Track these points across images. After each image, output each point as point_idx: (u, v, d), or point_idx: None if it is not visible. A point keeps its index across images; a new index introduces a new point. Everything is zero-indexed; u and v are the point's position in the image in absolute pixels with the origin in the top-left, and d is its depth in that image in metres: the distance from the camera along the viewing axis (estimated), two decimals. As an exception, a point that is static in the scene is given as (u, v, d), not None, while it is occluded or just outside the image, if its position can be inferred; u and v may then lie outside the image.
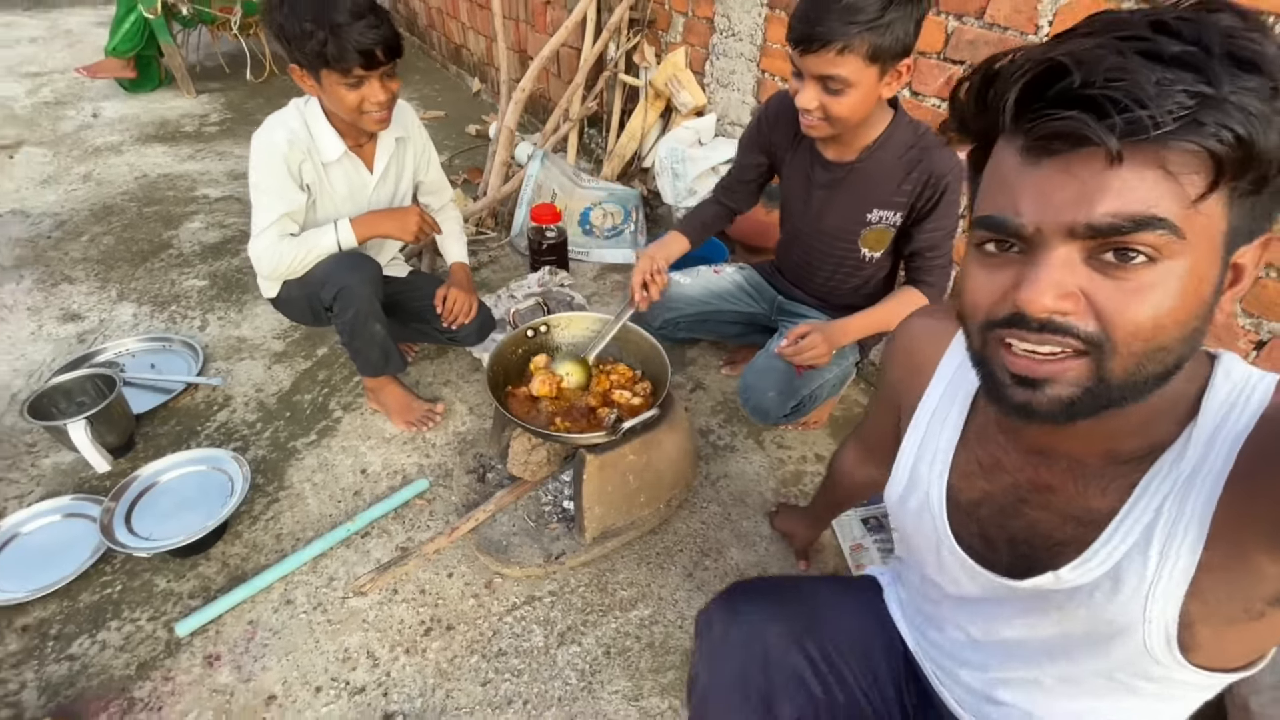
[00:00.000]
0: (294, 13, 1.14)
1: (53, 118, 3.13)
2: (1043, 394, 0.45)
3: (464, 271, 1.60)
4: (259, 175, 1.30)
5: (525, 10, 2.98)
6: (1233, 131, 0.37)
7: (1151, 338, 0.42)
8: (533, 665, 1.12)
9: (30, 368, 1.68)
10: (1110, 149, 0.39)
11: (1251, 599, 0.48)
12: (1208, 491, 0.48)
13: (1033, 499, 0.58)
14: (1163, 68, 0.38)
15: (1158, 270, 0.41)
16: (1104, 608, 0.53)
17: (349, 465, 1.47)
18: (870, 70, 1.05)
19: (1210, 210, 0.41)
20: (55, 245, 2.18)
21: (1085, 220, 0.41)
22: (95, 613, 1.16)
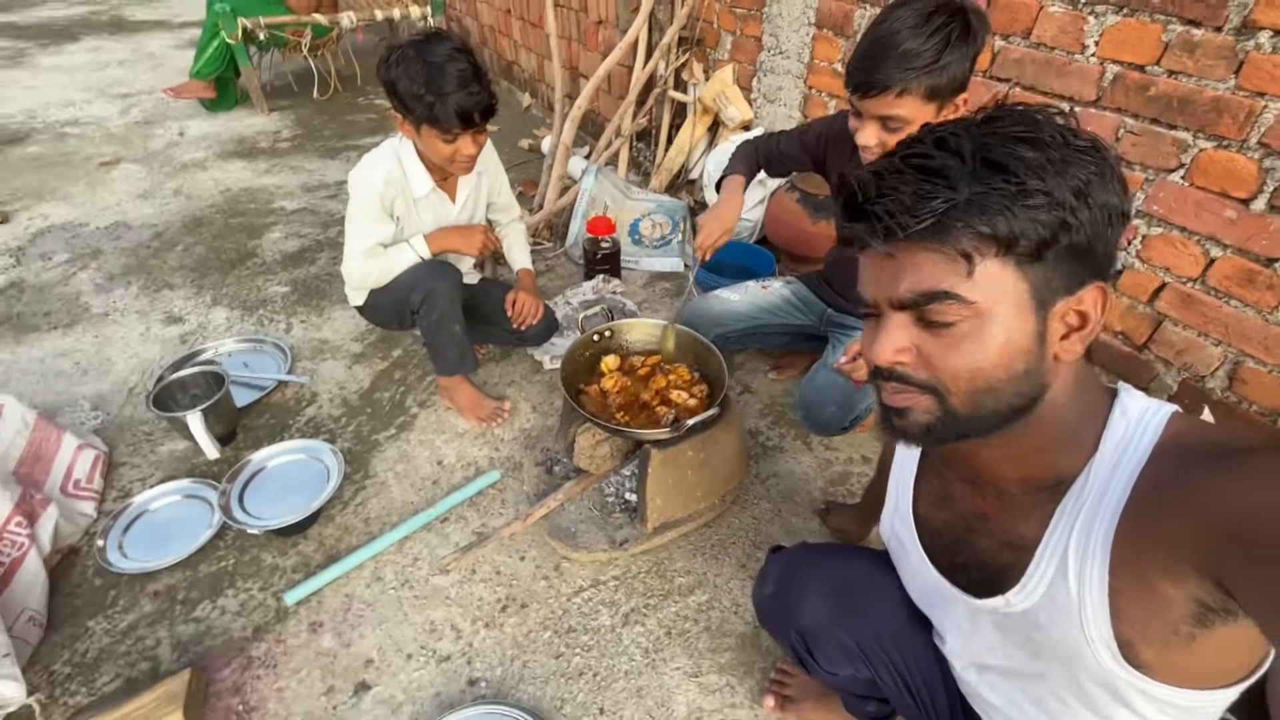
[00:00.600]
0: (407, 75, 1.28)
1: (144, 136, 3.41)
2: (906, 420, 0.56)
3: (530, 277, 1.75)
4: (356, 209, 1.47)
5: (578, 30, 3.12)
6: (971, 226, 0.48)
7: (973, 380, 0.53)
8: (600, 642, 1.22)
9: (143, 365, 1.86)
10: (878, 251, 0.52)
11: (1172, 621, 0.52)
12: (1107, 523, 0.54)
13: (978, 526, 0.66)
14: (925, 178, 0.49)
15: (965, 328, 0.52)
16: (1051, 630, 0.60)
17: (426, 457, 1.61)
18: (928, 107, 1.09)
19: (995, 277, 0.50)
20: (155, 254, 2.39)
21: (893, 296, 0.54)
22: (214, 582, 1.31)
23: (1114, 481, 0.54)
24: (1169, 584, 0.50)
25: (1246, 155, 1.26)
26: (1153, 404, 0.57)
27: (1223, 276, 1.37)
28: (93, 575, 1.32)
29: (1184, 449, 0.53)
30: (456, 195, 1.59)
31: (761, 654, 1.21)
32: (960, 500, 0.68)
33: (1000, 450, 0.61)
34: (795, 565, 0.86)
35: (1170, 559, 0.50)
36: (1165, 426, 0.55)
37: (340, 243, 2.49)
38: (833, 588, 0.81)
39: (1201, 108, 1.30)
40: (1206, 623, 0.50)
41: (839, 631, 0.80)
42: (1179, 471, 0.51)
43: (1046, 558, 0.58)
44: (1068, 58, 1.48)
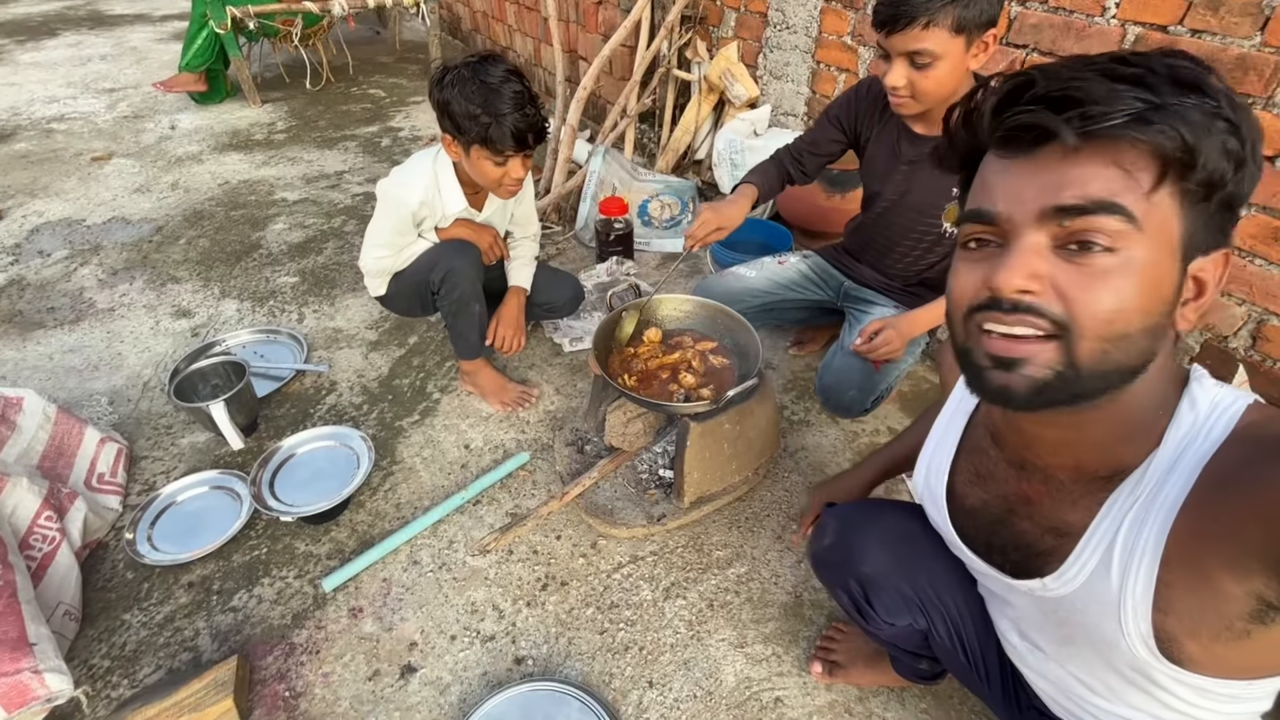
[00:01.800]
0: (463, 96, 1.28)
1: (134, 130, 3.33)
2: (1018, 374, 0.49)
3: (517, 299, 1.69)
4: (383, 219, 1.49)
5: (576, 11, 3.08)
6: (1175, 130, 0.43)
7: (1112, 322, 0.46)
8: (644, 616, 1.22)
9: (155, 359, 1.83)
10: (1066, 140, 0.45)
11: (1227, 617, 0.50)
12: (1163, 517, 0.52)
13: (1019, 509, 0.65)
14: (1115, 81, 0.44)
15: (1117, 258, 0.46)
16: (1086, 617, 0.59)
17: (453, 441, 1.59)
18: (956, 41, 1.09)
19: (1163, 207, 0.46)
20: (157, 249, 2.35)
21: (1052, 204, 0.46)
22: (248, 571, 1.30)
23: (1174, 475, 0.52)
24: (1231, 579, 0.48)
25: (1273, 112, 1.27)
26: (1226, 395, 0.54)
27: (1247, 235, 1.38)
28: (124, 569, 1.30)
29: (1257, 442, 0.50)
30: (485, 208, 1.59)
31: (805, 623, 1.21)
32: (1004, 482, 0.66)
33: (1063, 432, 0.57)
34: (854, 517, 0.87)
35: (1235, 553, 0.48)
36: (1240, 417, 0.52)
37: (346, 232, 2.47)
38: (893, 538, 0.81)
39: (1226, 66, 1.30)
40: (1266, 620, 0.48)
41: (898, 580, 0.80)
42: (1248, 463, 0.48)
43: (1091, 547, 0.57)
44: (1087, 20, 1.48)
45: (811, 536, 0.92)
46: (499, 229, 1.66)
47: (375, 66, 4.45)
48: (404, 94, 3.95)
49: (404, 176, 1.46)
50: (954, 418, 0.75)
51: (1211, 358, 1.51)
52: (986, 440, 0.69)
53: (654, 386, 1.34)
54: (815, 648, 1.15)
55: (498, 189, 1.42)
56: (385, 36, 5.10)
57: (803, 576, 1.29)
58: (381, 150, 3.19)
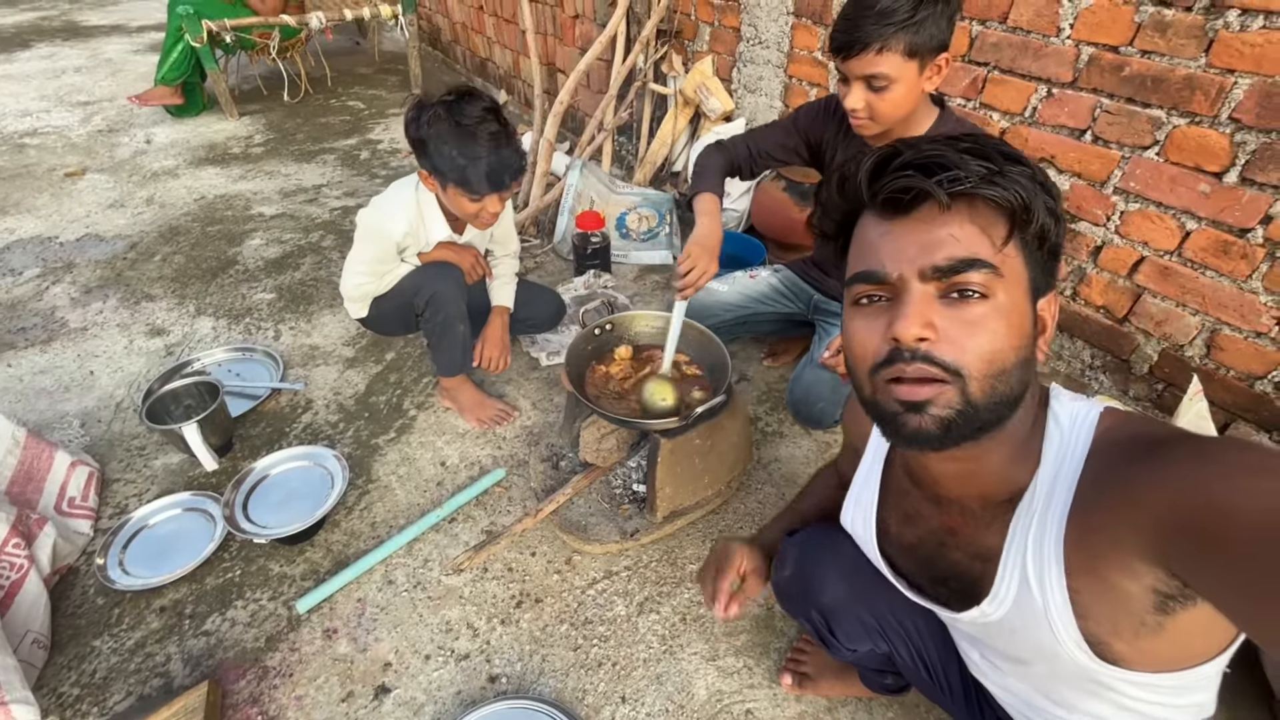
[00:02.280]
0: (438, 137, 1.29)
1: (109, 145, 3.30)
2: (928, 415, 0.54)
3: (501, 318, 1.71)
4: (366, 247, 1.49)
5: (554, 25, 3.10)
6: (1016, 191, 0.52)
7: (993, 360, 0.53)
8: (617, 632, 1.23)
9: (129, 379, 1.82)
10: (940, 199, 0.52)
11: (1136, 613, 0.53)
12: (1055, 529, 0.56)
13: (948, 541, 0.69)
14: (962, 154, 0.53)
15: (988, 304, 0.53)
16: (1026, 635, 0.62)
17: (429, 459, 1.60)
18: (910, 65, 1.12)
19: (1013, 257, 0.54)
20: (131, 265, 2.33)
21: (931, 264, 0.53)
22: (221, 594, 1.29)
23: (1057, 488, 0.57)
24: (1124, 579, 0.52)
25: (1218, 130, 1.32)
26: (1081, 405, 0.60)
27: (1198, 248, 1.43)
28: (94, 594, 1.29)
29: (1114, 446, 0.55)
30: (466, 232, 1.61)
31: (776, 635, 1.23)
32: (929, 518, 0.70)
33: (962, 465, 0.62)
34: (813, 547, 0.88)
35: (1119, 555, 0.52)
36: (1096, 426, 0.57)
37: (324, 247, 2.46)
38: (850, 567, 0.83)
39: (1174, 86, 1.35)
40: (1169, 610, 0.52)
41: (858, 609, 0.82)
42: (1111, 470, 0.53)
43: (1009, 568, 0.61)
44: (1044, 41, 1.53)
45: (774, 567, 0.93)
46: (479, 249, 1.67)
47: (354, 78, 4.44)
48: (383, 105, 3.95)
49: (388, 207, 1.47)
50: (871, 468, 0.79)
51: (1170, 366, 1.56)
52: (906, 482, 0.74)
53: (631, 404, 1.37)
54: (785, 660, 1.17)
55: (476, 222, 1.44)
56: (364, 48, 5.09)
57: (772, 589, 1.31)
58: (361, 163, 3.19)
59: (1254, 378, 1.42)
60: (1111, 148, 1.49)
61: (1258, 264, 1.34)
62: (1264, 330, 1.38)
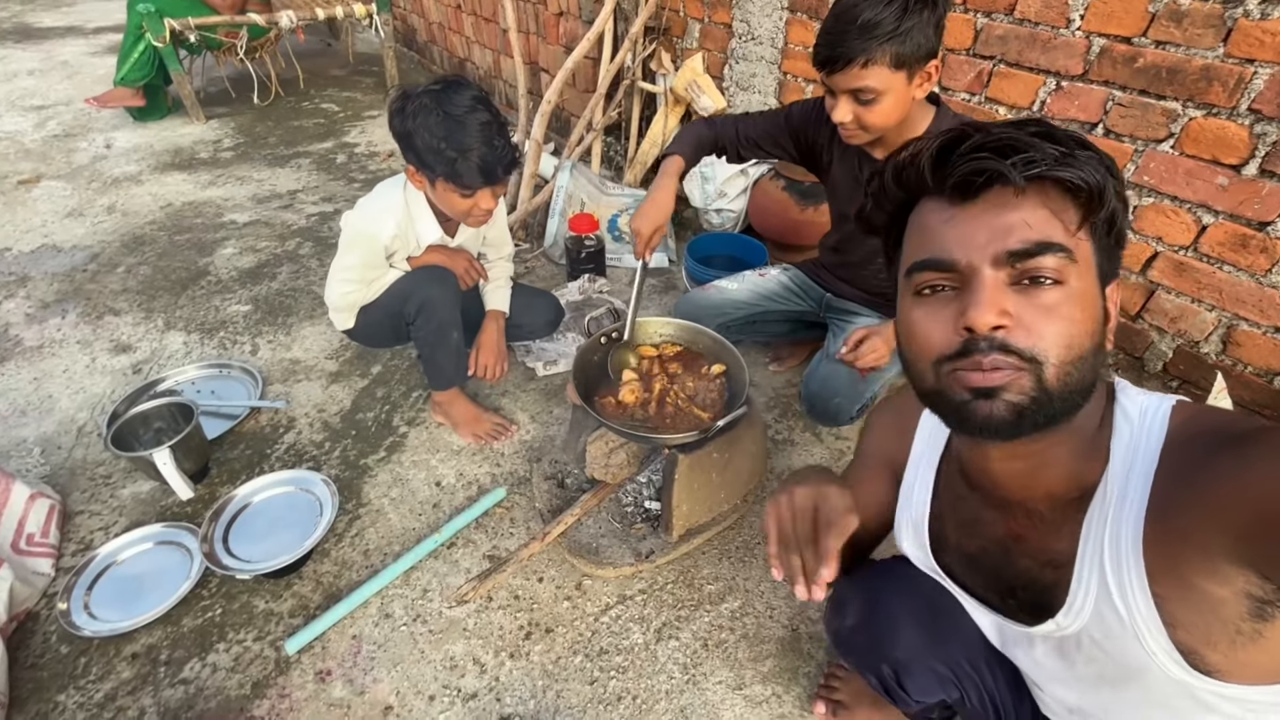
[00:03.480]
0: (426, 129, 1.19)
1: (65, 150, 3.13)
2: (1000, 401, 0.51)
3: (497, 324, 1.62)
4: (352, 253, 1.39)
5: (536, 23, 3.01)
6: (1091, 173, 0.50)
7: (1070, 346, 0.51)
8: (635, 662, 1.15)
9: (91, 400, 1.69)
10: (1016, 182, 0.50)
11: (1229, 621, 0.49)
12: (1132, 532, 0.52)
13: (1014, 548, 0.64)
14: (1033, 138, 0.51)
15: (1063, 290, 0.51)
16: (1110, 648, 0.57)
17: (423, 479, 1.50)
18: (898, 76, 1.08)
19: (1084, 243, 0.52)
20: (92, 278, 2.19)
21: (1004, 249, 0.51)
22: (201, 636, 1.18)
23: (1130, 486, 0.53)
24: (1214, 584, 0.49)
25: (1237, 122, 1.29)
26: (1151, 399, 0.57)
27: (1215, 243, 1.40)
28: (57, 642, 1.17)
29: (1191, 441, 0.52)
30: (458, 235, 1.52)
31: (804, 658, 1.16)
32: (992, 524, 0.66)
33: (1025, 462, 0.59)
34: (875, 591, 0.81)
35: (1205, 558, 0.48)
36: (1169, 420, 0.54)
37: (301, 255, 2.34)
38: (922, 611, 0.76)
39: (1190, 77, 1.32)
40: (1268, 616, 0.48)
41: (931, 659, 0.75)
42: (1191, 466, 0.50)
43: (1085, 574, 0.57)
44: (1053, 32, 1.49)
45: (829, 613, 0.86)
46: (472, 252, 1.58)
47: (327, 80, 4.30)
48: (359, 108, 3.82)
49: (374, 210, 1.37)
50: (920, 476, 0.74)
51: (1185, 363, 1.53)
52: (963, 487, 0.69)
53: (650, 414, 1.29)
54: (818, 687, 1.10)
55: (467, 220, 1.35)
56: (337, 48, 4.94)
57: (798, 608, 1.24)
58: (337, 167, 3.07)
59: (1273, 373, 1.40)
60: (1124, 141, 1.46)
61: (1277, 257, 1.32)
62: (1289, 325, 1.35)
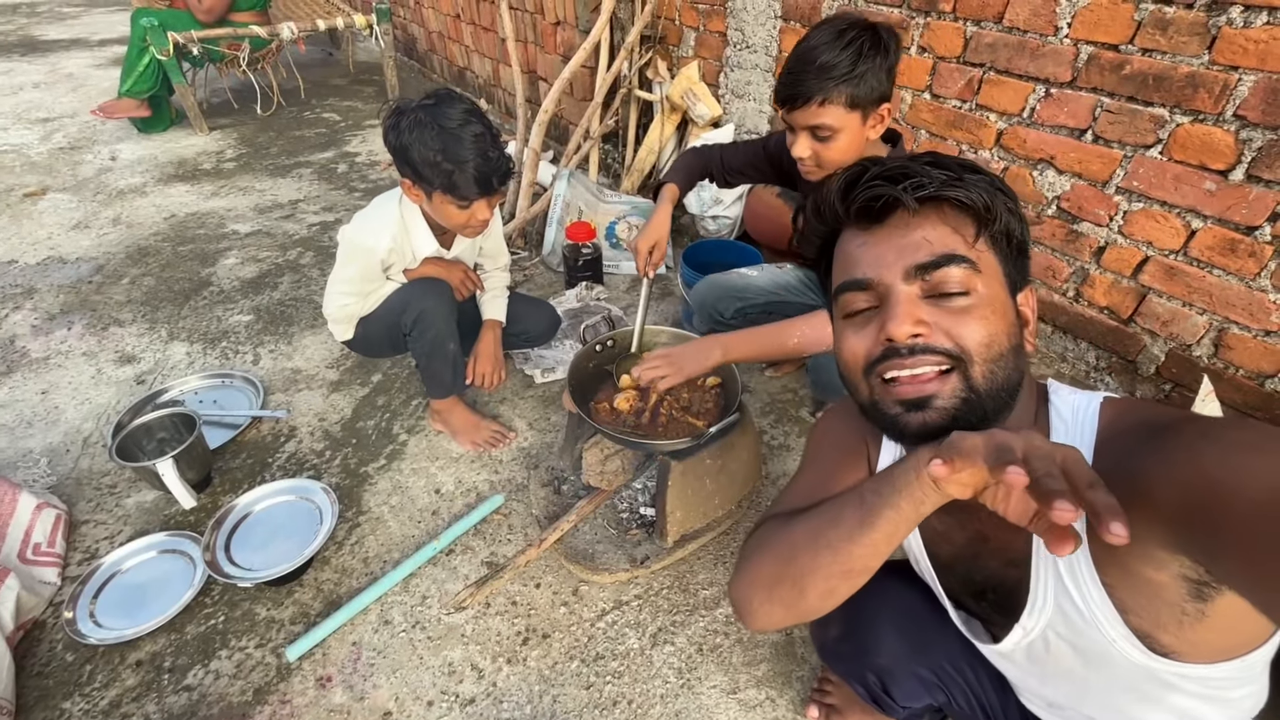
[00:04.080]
0: (421, 142, 1.22)
1: (71, 163, 3.17)
2: (931, 410, 0.55)
3: (494, 332, 1.63)
4: (349, 266, 1.41)
5: (534, 32, 3.04)
6: (977, 193, 0.56)
7: (989, 345, 0.54)
8: (631, 667, 1.17)
9: (96, 411, 1.71)
10: (908, 204, 0.56)
11: (1174, 603, 0.52)
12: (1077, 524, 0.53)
13: (982, 550, 0.67)
14: (924, 166, 0.57)
15: (972, 298, 0.55)
16: (1075, 640, 0.60)
17: (422, 486, 1.52)
18: (852, 116, 1.15)
19: (986, 253, 0.57)
20: (98, 289, 2.22)
21: (912, 263, 0.56)
22: (204, 643, 1.20)
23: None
24: (1151, 570, 0.51)
25: (1223, 128, 1.30)
26: (1081, 398, 0.60)
27: (1204, 247, 1.41)
28: (63, 650, 1.19)
29: (1120, 435, 0.55)
30: (454, 247, 1.54)
31: (798, 662, 1.18)
32: (960, 527, 0.68)
33: None
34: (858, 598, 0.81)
35: (1140, 546, 0.50)
36: (1099, 417, 0.57)
37: (302, 264, 2.37)
38: (904, 619, 0.77)
39: (1176, 84, 1.33)
40: (1206, 596, 0.51)
41: (915, 664, 0.77)
42: (1120, 460, 0.52)
43: (1041, 570, 0.59)
44: (1041, 40, 1.50)
45: (814, 624, 0.87)
46: (469, 263, 1.60)
47: (329, 89, 4.34)
48: (360, 117, 3.85)
49: (370, 223, 1.39)
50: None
51: (1177, 366, 1.54)
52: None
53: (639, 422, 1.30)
54: (811, 690, 1.11)
55: (465, 231, 1.37)
56: (338, 58, 4.99)
57: (792, 612, 1.25)
58: (338, 177, 3.10)
59: (1264, 376, 1.41)
60: (1113, 147, 1.47)
61: (1266, 261, 1.33)
62: (1274, 328, 1.36)
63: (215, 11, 3.29)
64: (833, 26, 1.12)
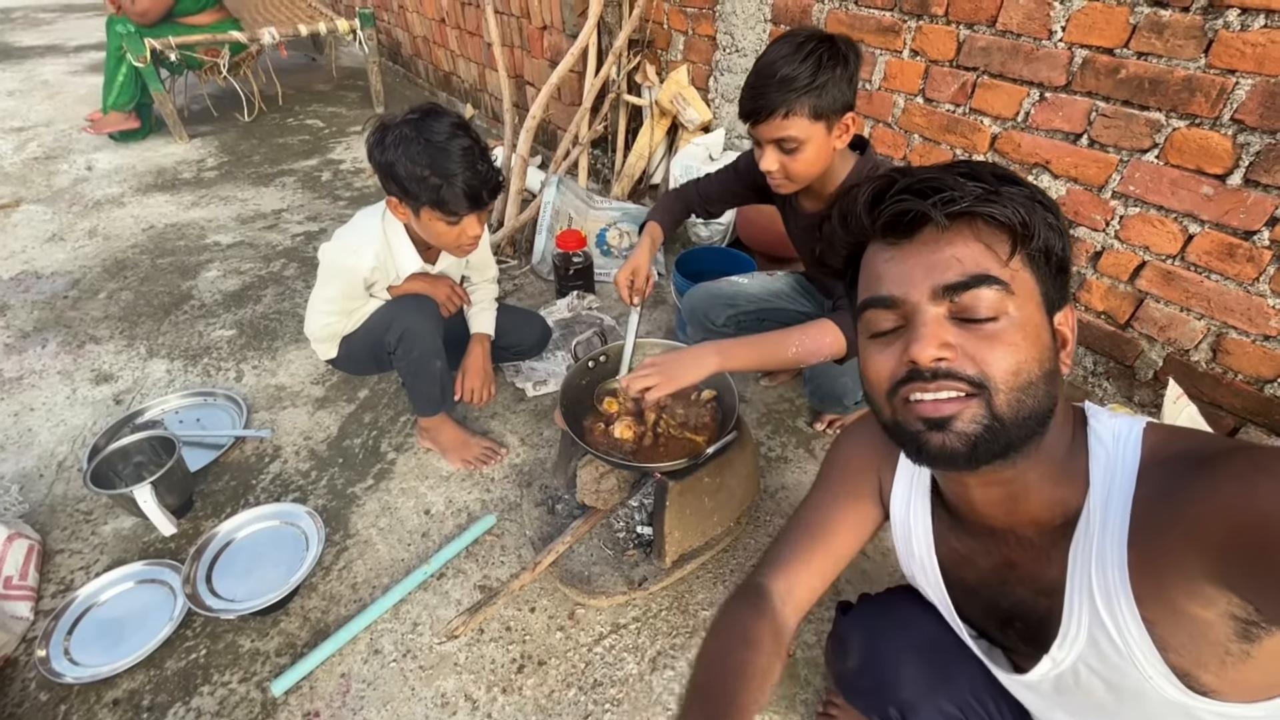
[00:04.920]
0: (408, 157, 1.18)
1: (46, 173, 3.09)
2: (952, 433, 0.53)
3: (482, 346, 1.59)
4: (331, 285, 1.38)
5: (520, 36, 3.00)
6: (1014, 208, 0.52)
7: (1018, 373, 0.52)
8: (631, 694, 1.13)
9: (72, 433, 1.65)
10: (938, 220, 0.52)
11: (1218, 642, 0.49)
12: (1117, 556, 0.53)
13: (1009, 576, 0.64)
14: (958, 178, 0.53)
15: (1003, 322, 0.52)
16: (1108, 675, 0.57)
17: (412, 507, 1.48)
18: (817, 127, 1.15)
19: (1021, 272, 0.54)
20: (73, 305, 2.15)
21: (940, 283, 0.53)
22: (184, 679, 1.16)
23: (1110, 512, 0.54)
24: (1198, 607, 0.49)
25: (1220, 132, 1.28)
26: (1122, 423, 0.57)
27: (1202, 251, 1.40)
28: (36, 689, 1.14)
29: (1164, 464, 0.52)
30: (438, 263, 1.50)
31: (800, 684, 1.15)
32: (986, 554, 0.66)
33: (1002, 488, 0.59)
34: (878, 629, 0.79)
35: (1186, 581, 0.48)
36: (1141, 444, 0.55)
37: (286, 276, 2.32)
38: (928, 647, 0.74)
39: (1173, 88, 1.31)
40: (1252, 637, 0.48)
41: (939, 698, 0.74)
42: (1164, 489, 0.51)
43: (1076, 602, 0.57)
44: (1035, 44, 1.49)
45: (831, 654, 0.84)
46: (455, 277, 1.56)
47: (312, 95, 4.27)
48: (344, 123, 3.79)
49: (352, 241, 1.35)
50: (915, 510, 0.73)
51: (1175, 371, 1.53)
52: (954, 519, 0.69)
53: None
54: (816, 715, 1.08)
55: (454, 249, 1.33)
56: (321, 63, 4.92)
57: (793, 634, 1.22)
58: (323, 185, 3.04)
59: (1264, 381, 1.40)
60: (1109, 151, 1.45)
61: (1264, 266, 1.32)
62: (1273, 333, 1.35)
63: (150, 15, 3.14)
64: (791, 40, 1.12)
